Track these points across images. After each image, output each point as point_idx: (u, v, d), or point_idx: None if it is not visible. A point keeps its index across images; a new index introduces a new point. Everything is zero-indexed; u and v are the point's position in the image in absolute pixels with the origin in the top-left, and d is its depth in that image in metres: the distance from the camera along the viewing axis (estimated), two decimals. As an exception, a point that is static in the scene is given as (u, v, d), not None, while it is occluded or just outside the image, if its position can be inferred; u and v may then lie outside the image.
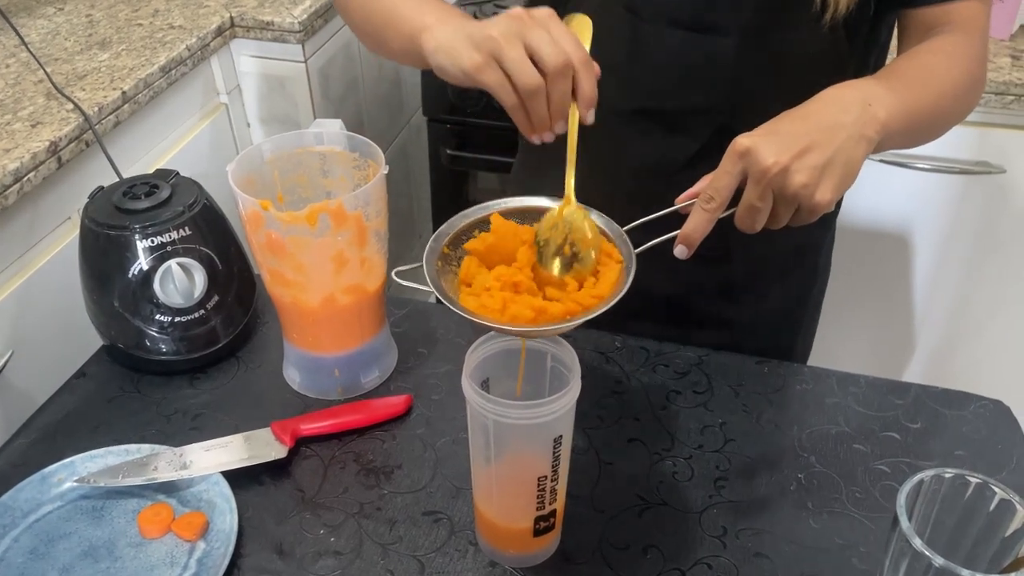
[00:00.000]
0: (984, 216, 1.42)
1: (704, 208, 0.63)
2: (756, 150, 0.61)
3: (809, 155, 0.61)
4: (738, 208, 0.64)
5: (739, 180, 0.63)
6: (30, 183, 1.03)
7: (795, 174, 0.61)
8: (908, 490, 0.53)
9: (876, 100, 0.65)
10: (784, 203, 0.63)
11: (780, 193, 0.62)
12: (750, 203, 0.63)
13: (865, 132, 0.63)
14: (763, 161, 0.61)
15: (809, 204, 0.62)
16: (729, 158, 0.63)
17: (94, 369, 0.87)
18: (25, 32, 1.31)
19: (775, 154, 0.61)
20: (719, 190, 0.63)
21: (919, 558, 0.50)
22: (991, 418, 0.81)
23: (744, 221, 0.64)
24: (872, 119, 0.64)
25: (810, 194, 0.62)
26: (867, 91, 0.65)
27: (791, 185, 0.61)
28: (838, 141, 0.62)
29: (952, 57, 0.75)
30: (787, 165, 0.61)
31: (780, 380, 0.85)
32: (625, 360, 0.87)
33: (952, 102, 0.75)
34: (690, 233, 0.64)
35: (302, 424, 0.78)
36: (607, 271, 0.63)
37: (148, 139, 1.29)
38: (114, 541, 0.70)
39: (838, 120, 0.63)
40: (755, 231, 0.65)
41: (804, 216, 0.64)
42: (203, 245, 0.84)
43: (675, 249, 0.65)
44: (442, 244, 0.65)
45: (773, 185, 0.62)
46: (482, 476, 0.66)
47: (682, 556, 0.69)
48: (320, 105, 1.53)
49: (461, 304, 0.61)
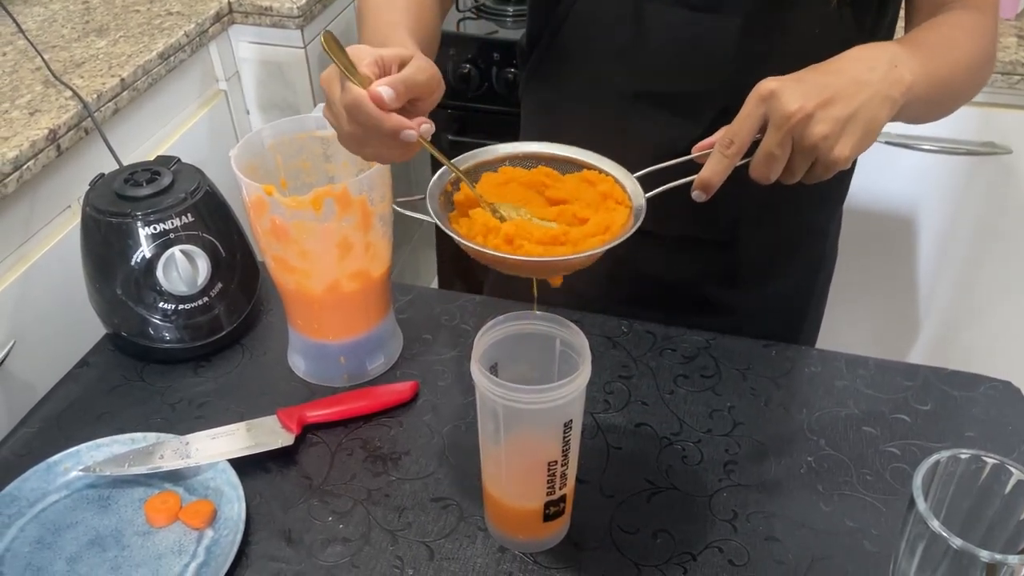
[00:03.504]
0: (990, 197, 1.41)
1: (723, 153, 0.62)
2: (781, 93, 0.60)
3: (833, 106, 0.60)
4: (755, 156, 0.63)
5: (760, 124, 0.62)
6: (30, 171, 1.03)
7: (817, 123, 0.60)
8: (924, 471, 0.53)
9: (902, 62, 0.64)
10: (802, 154, 0.62)
11: (799, 142, 0.61)
12: (768, 150, 0.62)
13: (891, 92, 0.62)
14: (787, 106, 0.60)
15: (827, 158, 0.61)
16: (752, 100, 0.62)
17: (97, 358, 0.87)
18: (21, 19, 1.30)
19: (800, 99, 0.60)
20: (739, 133, 0.62)
21: (936, 540, 0.50)
22: (1001, 399, 0.80)
23: (759, 169, 0.63)
24: (898, 80, 0.63)
25: (830, 147, 0.61)
26: (894, 52, 0.64)
27: (812, 135, 0.60)
28: (863, 97, 0.61)
29: (969, 32, 0.74)
30: (811, 112, 0.60)
31: (788, 363, 0.85)
32: (632, 345, 0.87)
33: (968, 76, 0.74)
34: (709, 178, 0.63)
35: (308, 411, 0.77)
36: (614, 213, 0.62)
37: (147, 127, 1.28)
38: (121, 530, 0.70)
39: (865, 77, 0.62)
40: (769, 181, 0.63)
41: (819, 171, 0.63)
42: (206, 232, 0.84)
43: (692, 193, 0.64)
44: (445, 181, 0.65)
45: (794, 132, 0.61)
46: (492, 462, 0.65)
47: (693, 540, 0.69)
48: (319, 91, 1.51)
49: (469, 238, 0.61)
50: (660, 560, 0.67)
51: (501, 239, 0.60)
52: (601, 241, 0.60)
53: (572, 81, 0.85)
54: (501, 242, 0.60)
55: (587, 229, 0.61)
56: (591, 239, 0.60)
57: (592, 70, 0.83)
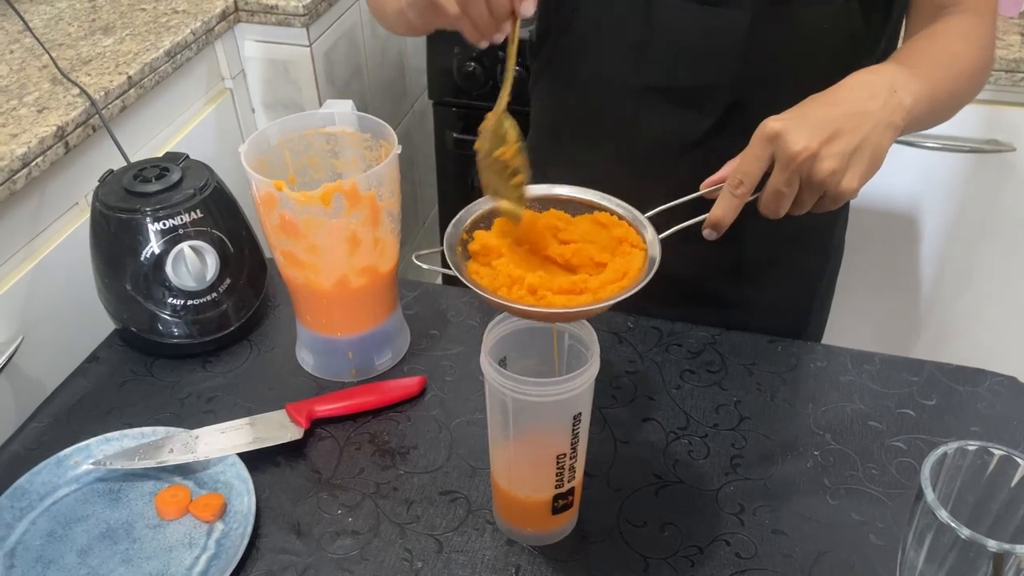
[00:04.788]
0: (994, 194, 1.41)
1: (733, 193, 0.63)
2: (786, 134, 0.61)
3: (838, 141, 0.61)
4: (763, 193, 0.64)
5: (767, 164, 0.62)
6: (38, 168, 1.03)
7: (824, 160, 0.61)
8: (932, 463, 0.53)
9: (902, 86, 0.64)
10: (810, 189, 0.63)
11: (807, 179, 0.62)
12: (776, 188, 0.63)
13: (892, 119, 0.63)
14: (792, 146, 0.61)
15: (835, 192, 0.62)
16: (758, 142, 0.62)
17: (106, 353, 0.87)
18: (28, 17, 1.30)
19: (805, 140, 0.60)
20: (748, 175, 0.63)
21: (944, 531, 0.50)
22: (1006, 394, 0.81)
23: (769, 206, 0.64)
24: (898, 106, 0.63)
25: (837, 181, 0.61)
26: (893, 77, 0.65)
27: (819, 172, 0.61)
28: (866, 128, 0.62)
29: (967, 39, 0.74)
30: (816, 151, 0.60)
31: (793, 359, 0.85)
32: (638, 340, 0.87)
33: (968, 84, 0.75)
34: (720, 218, 0.64)
35: (317, 406, 0.78)
36: (630, 258, 0.62)
37: (154, 124, 1.28)
38: (132, 523, 0.70)
39: (866, 107, 0.62)
40: (779, 216, 0.64)
41: (828, 203, 0.64)
42: (214, 228, 0.84)
43: (704, 232, 0.65)
44: (461, 230, 0.64)
45: (801, 171, 0.61)
46: (500, 455, 0.66)
47: (700, 533, 0.69)
48: (325, 89, 1.52)
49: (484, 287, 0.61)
50: (667, 553, 0.68)
51: (525, 290, 0.60)
52: (620, 288, 0.60)
53: (581, 76, 0.86)
54: (525, 293, 0.60)
55: (605, 276, 0.61)
56: (610, 286, 0.60)
57: (601, 65, 0.84)
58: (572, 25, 0.83)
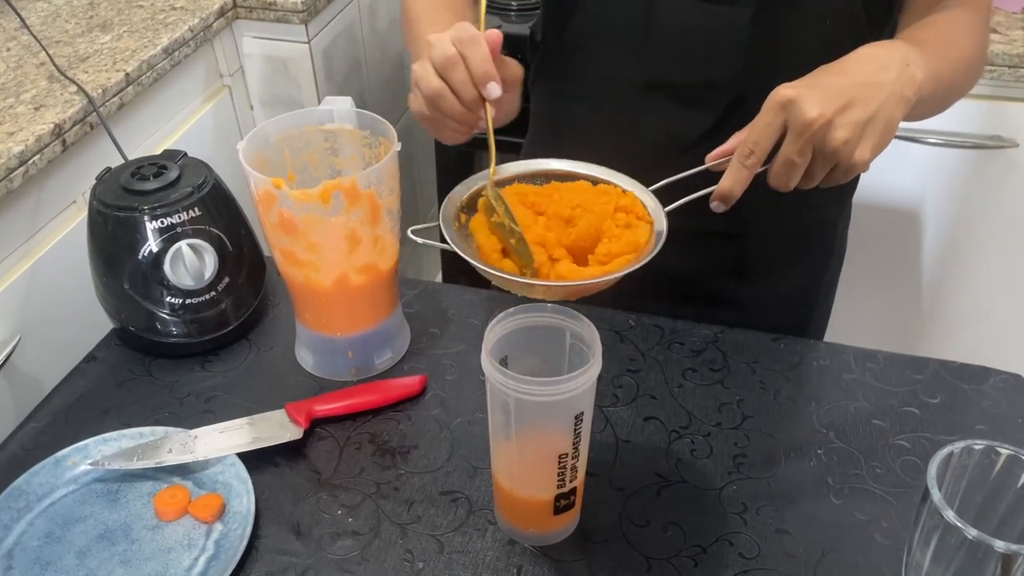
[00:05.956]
0: (997, 190, 1.41)
1: (743, 164, 0.62)
2: (800, 101, 0.59)
3: (852, 110, 0.60)
4: (774, 163, 0.62)
5: (780, 133, 0.61)
6: (35, 166, 1.02)
7: (838, 128, 0.59)
8: (938, 463, 0.52)
9: (913, 61, 0.63)
10: (822, 159, 0.61)
11: (820, 148, 0.61)
12: (788, 158, 0.61)
13: (904, 92, 0.62)
14: (807, 113, 0.59)
15: (847, 162, 0.61)
16: (770, 109, 0.61)
17: (104, 353, 0.87)
18: (25, 15, 1.29)
19: (820, 107, 0.59)
20: (759, 143, 0.61)
21: (951, 531, 0.50)
22: (1011, 392, 0.80)
23: (779, 178, 0.63)
24: (911, 79, 0.62)
25: (850, 151, 0.60)
26: (905, 51, 0.64)
27: (833, 140, 0.60)
28: (880, 98, 0.61)
29: (966, 30, 0.74)
30: (831, 119, 0.59)
31: (796, 357, 0.84)
32: (640, 339, 0.86)
33: (965, 75, 0.75)
34: (729, 188, 0.63)
35: (317, 405, 0.77)
36: (637, 231, 0.61)
37: (152, 122, 1.27)
38: (130, 524, 0.70)
39: (879, 78, 0.61)
40: (788, 189, 0.63)
41: (839, 175, 0.63)
42: (213, 226, 0.83)
43: (712, 204, 0.64)
44: (457, 206, 0.64)
45: (815, 140, 0.60)
46: (502, 455, 0.65)
47: (703, 533, 0.68)
48: (323, 87, 1.51)
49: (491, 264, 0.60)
50: (670, 553, 0.67)
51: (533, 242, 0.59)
52: (627, 261, 0.59)
53: (582, 73, 0.85)
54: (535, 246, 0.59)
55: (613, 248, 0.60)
56: (617, 260, 0.60)
57: (603, 61, 0.83)
58: (572, 22, 0.83)
